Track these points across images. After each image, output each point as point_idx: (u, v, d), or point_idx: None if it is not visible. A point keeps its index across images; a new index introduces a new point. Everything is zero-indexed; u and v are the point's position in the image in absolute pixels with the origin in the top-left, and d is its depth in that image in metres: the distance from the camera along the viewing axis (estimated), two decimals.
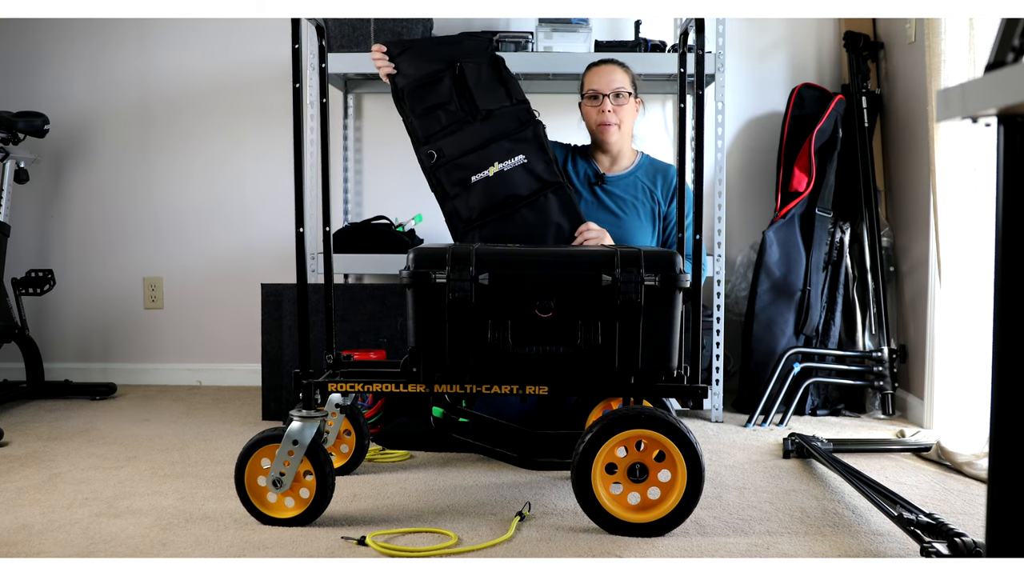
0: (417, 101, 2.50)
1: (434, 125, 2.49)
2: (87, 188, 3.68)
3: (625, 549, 1.79)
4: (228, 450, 2.57)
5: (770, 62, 3.52)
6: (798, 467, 2.43)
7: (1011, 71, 0.93)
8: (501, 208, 2.48)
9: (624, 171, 2.79)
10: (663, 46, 3.16)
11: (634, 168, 2.79)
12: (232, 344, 3.65)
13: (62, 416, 3.05)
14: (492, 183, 2.47)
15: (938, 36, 2.59)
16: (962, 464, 2.35)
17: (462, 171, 2.47)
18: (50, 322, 3.70)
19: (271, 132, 3.60)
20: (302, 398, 1.95)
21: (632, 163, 2.80)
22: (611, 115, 2.69)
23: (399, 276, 1.95)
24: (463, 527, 1.91)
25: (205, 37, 3.60)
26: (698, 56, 2.02)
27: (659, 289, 1.90)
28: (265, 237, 3.64)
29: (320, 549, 1.78)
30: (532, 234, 2.48)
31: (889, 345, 3.11)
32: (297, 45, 1.95)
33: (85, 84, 3.64)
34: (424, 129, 2.49)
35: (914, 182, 3.06)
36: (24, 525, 1.92)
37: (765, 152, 3.52)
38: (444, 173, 2.48)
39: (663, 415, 1.85)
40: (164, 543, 1.81)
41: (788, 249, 3.22)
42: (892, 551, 1.79)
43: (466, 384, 1.94)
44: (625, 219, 2.73)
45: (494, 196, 2.47)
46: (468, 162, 2.47)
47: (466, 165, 2.47)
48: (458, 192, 2.47)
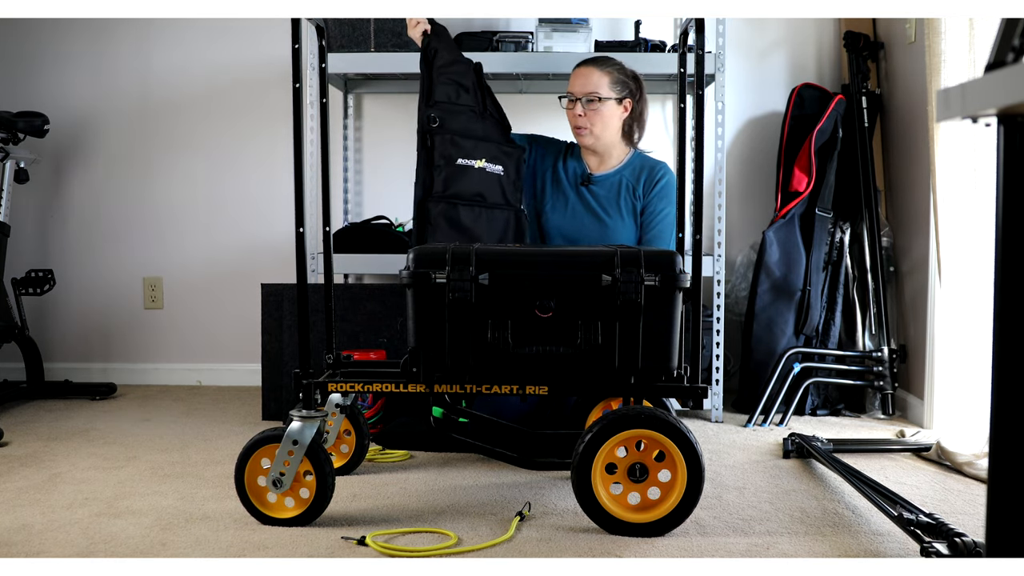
0: (445, 66, 2.60)
1: (450, 95, 2.59)
2: (87, 188, 3.68)
3: (625, 549, 1.79)
4: (228, 450, 2.57)
5: (770, 62, 3.52)
6: (798, 467, 2.43)
7: (1011, 71, 0.93)
8: (469, 199, 2.57)
9: (611, 170, 2.79)
10: (663, 46, 3.16)
11: (621, 167, 2.79)
12: (232, 344, 3.65)
13: (62, 416, 3.05)
14: (472, 173, 2.58)
15: (938, 36, 2.58)
16: (962, 464, 2.35)
17: (455, 148, 2.56)
18: (50, 322, 3.70)
19: (271, 132, 3.60)
20: (302, 398, 1.95)
21: (620, 162, 2.79)
22: (582, 119, 2.70)
23: (399, 276, 1.95)
24: (463, 527, 1.91)
25: (205, 37, 3.60)
26: (698, 56, 2.02)
27: (659, 289, 1.90)
28: (265, 237, 3.64)
29: (320, 549, 1.78)
30: (481, 236, 2.57)
31: (889, 345, 3.11)
32: (297, 45, 1.95)
33: (85, 84, 3.64)
34: (439, 93, 2.57)
35: (914, 182, 3.06)
36: (24, 525, 1.92)
37: (765, 152, 3.52)
38: (439, 139, 2.55)
39: (663, 415, 1.85)
40: (164, 543, 1.81)
41: (788, 249, 3.22)
42: (892, 551, 1.79)
43: (466, 384, 1.94)
44: (609, 222, 2.75)
45: (468, 185, 2.57)
46: (463, 144, 2.57)
47: (460, 145, 2.57)
48: (441, 164, 2.55)
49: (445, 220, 2.54)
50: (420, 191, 2.57)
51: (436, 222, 2.54)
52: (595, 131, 2.71)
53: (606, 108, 2.69)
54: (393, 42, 3.12)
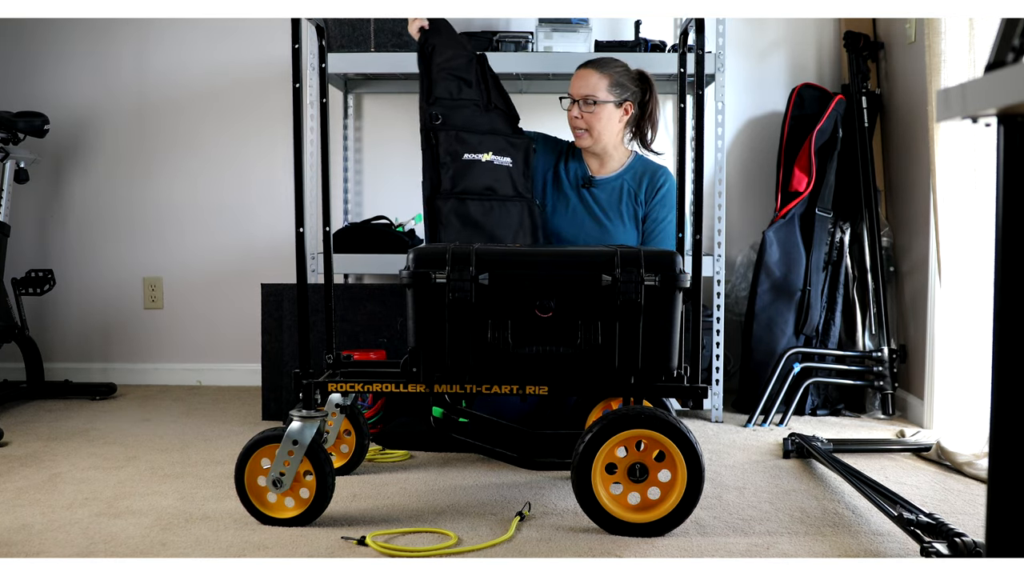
0: (444, 62, 2.57)
1: (451, 90, 2.57)
2: (87, 188, 3.68)
3: (625, 549, 1.79)
4: (228, 450, 2.57)
5: (770, 62, 3.52)
6: (798, 467, 2.43)
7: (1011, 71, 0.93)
8: (479, 194, 2.56)
9: (612, 174, 2.78)
10: (663, 46, 3.17)
11: (623, 171, 2.78)
12: (232, 344, 3.65)
13: (62, 416, 3.05)
14: (479, 168, 2.56)
15: (938, 36, 2.58)
16: (962, 464, 2.35)
17: (460, 144, 2.54)
18: (50, 322, 3.70)
19: (271, 132, 3.60)
20: (302, 398, 1.95)
21: (621, 166, 2.78)
22: (578, 121, 2.69)
23: (399, 276, 1.95)
24: (463, 527, 1.91)
25: (205, 37, 3.60)
26: (698, 56, 2.02)
27: (659, 289, 1.90)
28: (265, 237, 3.64)
29: (320, 549, 1.78)
30: (494, 230, 2.55)
31: (889, 345, 3.11)
32: (297, 45, 1.95)
33: (85, 84, 3.64)
34: (439, 90, 2.56)
35: (914, 182, 3.06)
36: (24, 525, 1.92)
37: (765, 152, 3.52)
38: (444, 136, 2.53)
39: (663, 415, 1.85)
40: (164, 543, 1.81)
41: (788, 249, 3.22)
42: (892, 551, 1.79)
43: (466, 384, 1.94)
44: (609, 226, 2.74)
45: (476, 180, 2.56)
46: (468, 139, 2.56)
47: (465, 140, 2.55)
48: (447, 161, 2.53)
49: (456, 217, 2.52)
50: (428, 189, 2.55)
51: (447, 219, 2.52)
52: (593, 134, 2.70)
53: (604, 111, 2.67)
54: (393, 42, 3.12)
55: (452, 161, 2.53)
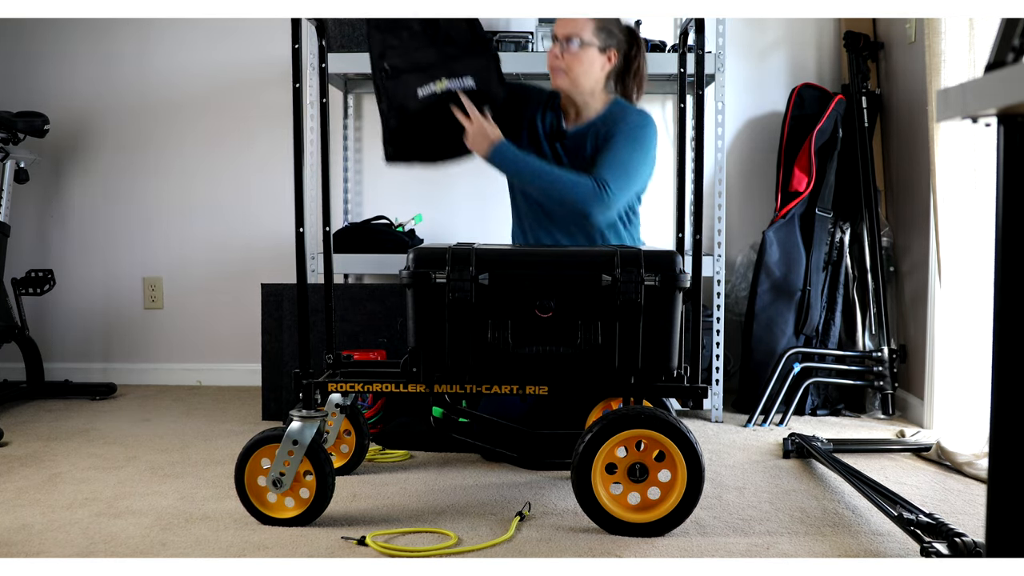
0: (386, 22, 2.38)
1: (396, 48, 2.37)
2: (87, 188, 3.68)
3: (625, 549, 1.79)
4: (228, 450, 2.57)
5: (770, 62, 3.52)
6: (798, 467, 2.43)
7: (1011, 71, 0.93)
8: None
9: (584, 123, 2.56)
10: (663, 46, 3.16)
11: (595, 118, 2.53)
12: (232, 344, 3.65)
13: (62, 416, 3.05)
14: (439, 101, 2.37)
15: (938, 36, 2.58)
16: (962, 464, 2.35)
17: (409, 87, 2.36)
18: (50, 322, 3.70)
19: (271, 132, 3.60)
20: (302, 398, 1.95)
21: (596, 113, 2.54)
22: (557, 60, 2.50)
23: (399, 276, 1.95)
24: (463, 527, 1.91)
25: (205, 37, 3.60)
26: (698, 56, 2.02)
27: (659, 289, 1.90)
28: (265, 237, 3.64)
29: (320, 549, 1.78)
30: None
31: (889, 345, 3.11)
32: (297, 45, 1.95)
33: (86, 84, 3.64)
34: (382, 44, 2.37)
35: (914, 182, 3.06)
36: (24, 525, 1.92)
37: (765, 152, 3.52)
38: (392, 85, 2.37)
39: (663, 415, 1.85)
40: (164, 543, 1.81)
41: (788, 249, 3.22)
42: (892, 551, 1.79)
43: (466, 384, 1.94)
44: None
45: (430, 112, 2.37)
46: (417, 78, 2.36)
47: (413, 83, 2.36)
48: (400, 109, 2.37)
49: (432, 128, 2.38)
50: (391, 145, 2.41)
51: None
52: (571, 75, 2.48)
53: (586, 55, 2.48)
54: None
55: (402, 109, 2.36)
